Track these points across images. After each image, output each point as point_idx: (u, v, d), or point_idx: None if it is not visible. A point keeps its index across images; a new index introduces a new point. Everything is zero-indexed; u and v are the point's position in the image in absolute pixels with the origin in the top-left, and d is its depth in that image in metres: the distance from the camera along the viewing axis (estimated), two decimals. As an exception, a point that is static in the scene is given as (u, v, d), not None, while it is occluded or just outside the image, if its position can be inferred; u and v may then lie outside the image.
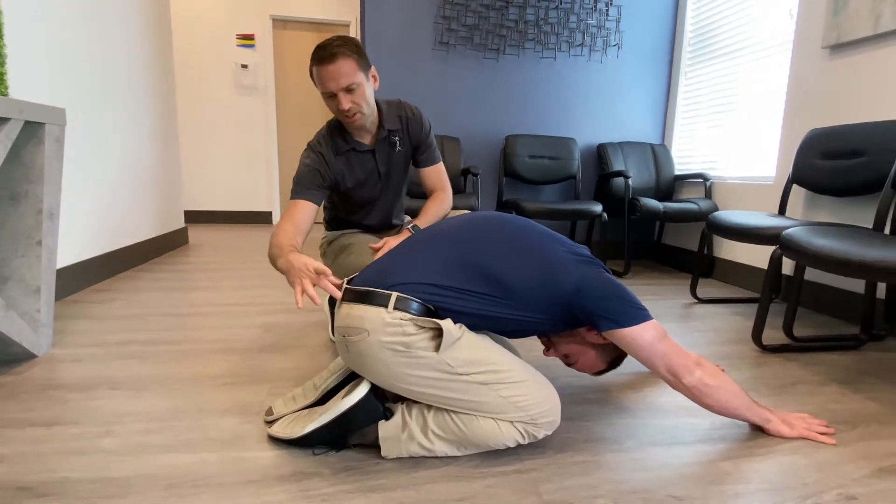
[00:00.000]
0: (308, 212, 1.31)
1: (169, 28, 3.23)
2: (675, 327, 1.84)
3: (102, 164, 2.38)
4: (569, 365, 1.13)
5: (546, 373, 1.37)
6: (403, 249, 1.01)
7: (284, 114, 4.90)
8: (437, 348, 0.87)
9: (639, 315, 0.91)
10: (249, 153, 4.81)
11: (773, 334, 1.77)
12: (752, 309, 2.11)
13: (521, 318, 0.94)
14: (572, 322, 0.97)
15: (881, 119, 1.85)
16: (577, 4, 2.92)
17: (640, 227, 3.30)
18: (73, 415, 1.08)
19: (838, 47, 2.01)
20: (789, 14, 2.27)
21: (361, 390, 0.92)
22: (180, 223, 3.42)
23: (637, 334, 0.91)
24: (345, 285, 0.98)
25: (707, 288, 2.50)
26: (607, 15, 2.97)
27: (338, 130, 1.38)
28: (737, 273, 2.55)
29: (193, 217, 4.81)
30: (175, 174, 3.36)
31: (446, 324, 0.87)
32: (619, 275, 2.75)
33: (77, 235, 2.16)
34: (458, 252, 0.95)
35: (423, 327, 0.88)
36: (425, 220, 1.41)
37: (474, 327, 0.95)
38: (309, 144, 1.39)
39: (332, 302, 1.63)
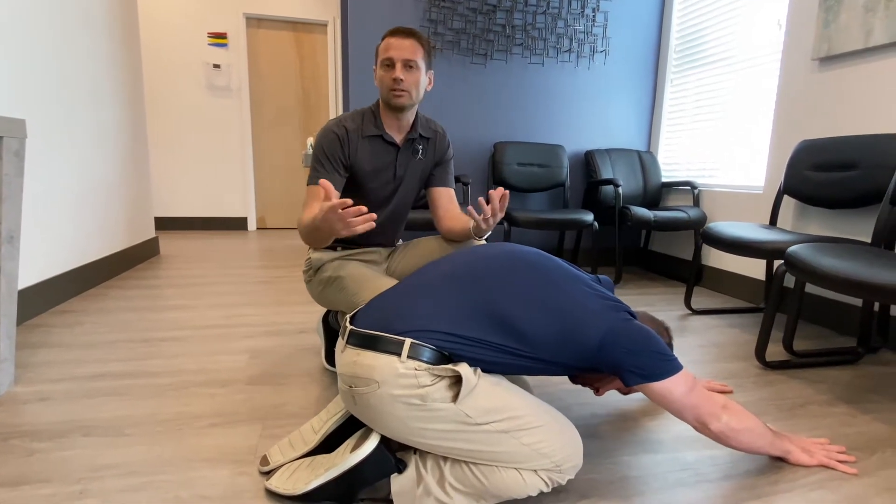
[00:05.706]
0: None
1: (137, 28, 3.04)
2: (675, 343, 1.81)
3: (65, 174, 2.21)
4: (599, 394, 1.10)
5: (555, 404, 1.32)
6: (411, 289, 0.93)
7: (259, 116, 4.72)
8: (455, 398, 0.80)
9: (668, 367, 0.86)
10: (222, 157, 4.61)
11: (772, 348, 1.76)
12: (747, 320, 2.11)
13: (540, 368, 0.88)
14: (597, 369, 0.91)
15: (872, 132, 1.86)
16: (564, 10, 2.88)
17: (627, 233, 3.29)
18: (42, 470, 0.96)
19: (828, 59, 2.02)
20: (778, 24, 2.28)
21: (371, 442, 0.84)
22: (151, 233, 3.24)
23: (667, 389, 0.86)
24: (348, 326, 0.89)
25: (698, 297, 2.49)
26: (594, 21, 2.94)
27: (371, 115, 1.34)
28: (725, 281, 2.56)
29: (164, 224, 4.58)
30: (144, 181, 3.17)
31: (465, 370, 0.80)
32: (610, 283, 2.73)
33: (38, 252, 1.99)
34: (475, 298, 0.87)
35: (439, 376, 0.81)
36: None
37: (488, 371, 0.88)
38: (332, 121, 1.32)
39: (325, 325, 1.54)
